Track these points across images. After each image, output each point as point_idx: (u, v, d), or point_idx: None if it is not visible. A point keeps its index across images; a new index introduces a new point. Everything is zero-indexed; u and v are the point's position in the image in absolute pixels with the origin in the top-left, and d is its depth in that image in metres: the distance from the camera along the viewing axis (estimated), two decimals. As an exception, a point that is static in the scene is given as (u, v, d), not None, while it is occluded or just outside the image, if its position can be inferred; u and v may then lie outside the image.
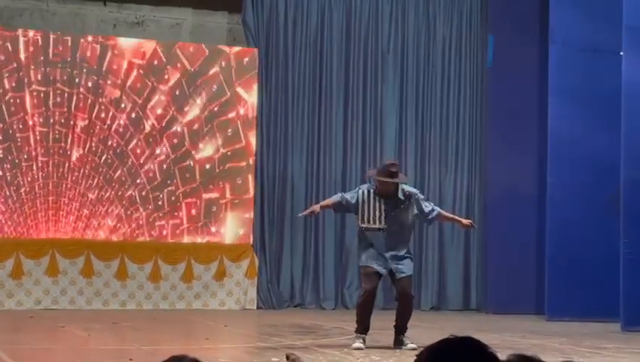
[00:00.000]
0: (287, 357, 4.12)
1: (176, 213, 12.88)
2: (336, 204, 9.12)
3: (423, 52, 14.22)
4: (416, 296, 13.87)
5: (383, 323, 9.56)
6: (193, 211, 12.96)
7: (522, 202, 13.58)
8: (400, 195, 8.79)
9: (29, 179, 12.30)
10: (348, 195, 9.01)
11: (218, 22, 13.67)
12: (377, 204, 8.73)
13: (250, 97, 13.25)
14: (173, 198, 12.88)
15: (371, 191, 8.79)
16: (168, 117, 12.91)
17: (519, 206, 13.56)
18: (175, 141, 12.94)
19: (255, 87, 13.29)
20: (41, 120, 12.35)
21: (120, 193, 12.66)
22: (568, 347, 9.24)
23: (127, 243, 12.61)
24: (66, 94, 12.45)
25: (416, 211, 8.87)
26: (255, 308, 13.00)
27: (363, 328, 8.95)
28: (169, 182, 12.88)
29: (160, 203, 12.82)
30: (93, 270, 12.41)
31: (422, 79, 14.20)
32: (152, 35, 13.19)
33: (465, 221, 9.43)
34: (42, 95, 12.36)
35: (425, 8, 14.24)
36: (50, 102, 12.39)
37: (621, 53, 11.47)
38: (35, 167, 12.33)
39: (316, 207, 9.25)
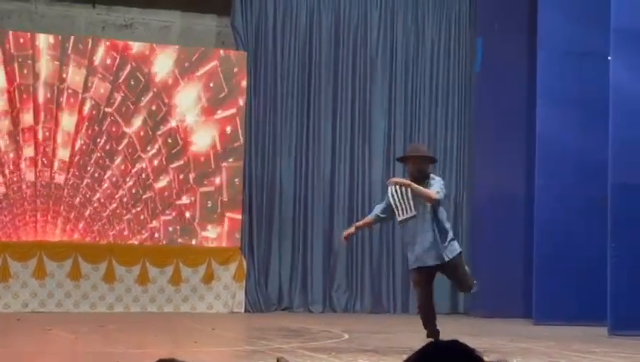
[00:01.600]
0: (278, 361, 4.13)
1: (164, 217, 12.86)
2: (371, 221, 8.99)
3: (411, 56, 14.24)
4: (404, 300, 13.92)
5: (369, 326, 9.57)
6: (183, 214, 12.93)
7: (510, 205, 13.59)
8: (430, 180, 8.55)
9: (17, 181, 12.25)
10: (379, 206, 8.88)
11: (207, 25, 13.66)
12: (405, 192, 8.48)
13: (238, 100, 13.23)
14: (161, 201, 12.86)
15: (398, 187, 8.55)
16: (158, 118, 12.89)
17: (507, 209, 13.58)
18: (165, 143, 12.92)
19: (244, 90, 13.28)
20: (28, 119, 12.31)
21: (108, 194, 12.62)
22: (555, 351, 9.25)
23: (115, 246, 12.59)
24: (55, 93, 12.42)
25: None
26: (243, 311, 13.00)
27: (430, 332, 8.70)
28: (157, 185, 12.85)
29: (149, 206, 12.79)
30: (81, 273, 12.38)
31: (410, 83, 14.22)
32: (140, 38, 13.17)
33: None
34: (31, 95, 12.32)
35: (413, 12, 14.26)
36: (40, 102, 12.34)
37: (609, 57, 11.50)
38: (24, 169, 12.28)
39: (352, 229, 9.09)
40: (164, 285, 12.72)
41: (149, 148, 12.85)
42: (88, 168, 12.57)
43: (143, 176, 12.81)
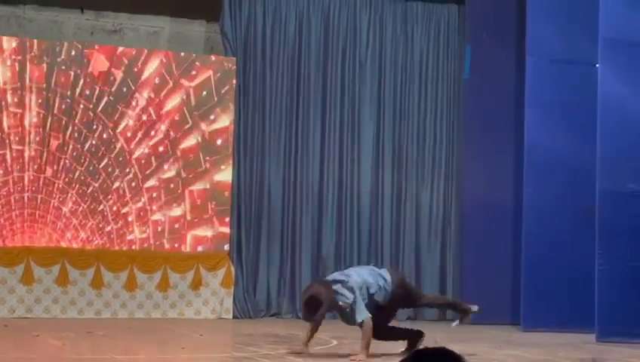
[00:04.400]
0: None
1: (153, 223, 12.84)
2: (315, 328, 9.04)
3: (400, 63, 14.25)
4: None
5: (357, 332, 9.56)
6: (171, 220, 12.91)
7: (498, 213, 13.62)
8: (341, 302, 8.63)
9: (4, 186, 12.22)
10: None
11: (196, 30, 13.65)
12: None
13: (227, 106, 13.23)
14: (150, 207, 12.84)
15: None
16: (146, 125, 12.87)
17: (495, 216, 13.60)
18: (153, 149, 12.90)
19: (232, 95, 13.28)
20: (15, 123, 12.29)
21: (97, 201, 12.60)
22: (543, 358, 9.27)
23: (102, 252, 12.56)
24: (43, 98, 12.40)
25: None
26: (231, 317, 12.97)
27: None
28: (145, 191, 12.83)
29: (137, 212, 12.77)
30: (69, 278, 12.35)
31: (399, 90, 14.23)
32: (129, 43, 13.16)
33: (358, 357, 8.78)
34: (19, 100, 12.30)
35: (402, 19, 14.29)
36: (27, 108, 12.32)
37: (597, 65, 11.54)
38: (10, 173, 12.26)
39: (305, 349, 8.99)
40: (152, 291, 12.69)
41: (137, 154, 12.83)
42: (77, 174, 12.54)
43: (132, 183, 12.79)
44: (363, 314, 8.54)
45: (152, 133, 12.90)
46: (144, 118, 12.89)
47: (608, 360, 9.33)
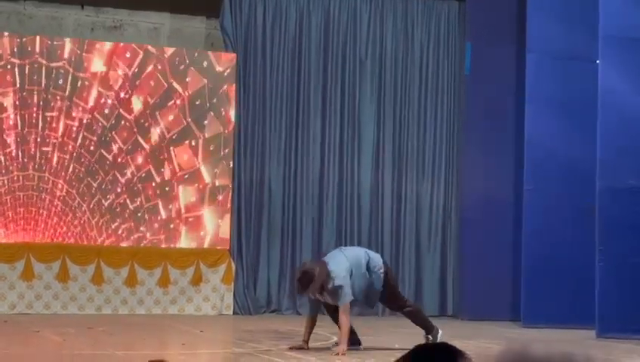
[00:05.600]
0: None
1: (153, 218, 12.85)
2: (312, 323, 9.16)
3: (400, 59, 14.25)
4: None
5: (357, 328, 9.57)
6: (171, 216, 12.92)
7: (498, 209, 13.62)
8: (330, 286, 8.84)
9: (5, 182, 12.22)
10: (310, 309, 9.26)
11: (196, 27, 13.65)
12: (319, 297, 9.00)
13: (227, 102, 13.23)
14: (150, 203, 12.85)
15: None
16: (146, 122, 12.88)
17: (495, 213, 13.61)
18: (152, 145, 12.90)
19: (233, 92, 13.28)
20: (17, 119, 12.30)
21: (97, 197, 12.61)
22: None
23: (103, 248, 12.56)
24: (42, 96, 12.41)
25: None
26: (232, 313, 12.97)
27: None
28: (145, 187, 12.84)
29: (137, 208, 12.78)
30: (69, 274, 12.35)
31: (399, 86, 14.23)
32: (129, 39, 13.15)
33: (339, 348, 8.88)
34: (18, 97, 12.30)
35: (403, 15, 14.28)
36: (28, 104, 12.33)
37: (597, 62, 11.55)
38: (11, 170, 12.26)
39: (305, 345, 9.10)
40: (153, 287, 12.70)
41: (137, 149, 12.83)
42: (77, 171, 12.54)
43: (132, 179, 12.79)
44: (347, 298, 8.87)
45: (151, 129, 12.89)
46: (142, 115, 12.88)
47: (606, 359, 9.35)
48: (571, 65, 12.63)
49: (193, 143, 13.07)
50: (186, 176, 13.02)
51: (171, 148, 12.97)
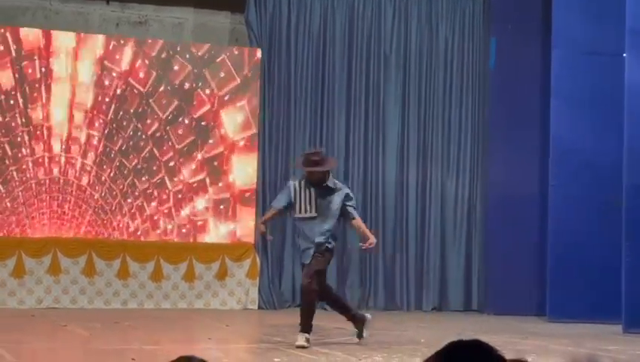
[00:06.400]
0: None
1: (178, 213, 12.89)
2: (276, 213, 9.26)
3: (425, 54, 14.22)
4: (418, 297, 13.92)
5: (382, 323, 9.58)
6: (196, 211, 12.96)
7: (524, 204, 13.57)
8: (330, 184, 8.99)
9: (33, 177, 12.30)
10: (281, 199, 9.20)
11: (221, 22, 13.67)
12: (308, 193, 8.93)
13: (252, 98, 13.25)
14: (177, 197, 12.89)
15: (302, 181, 9.01)
16: (174, 116, 12.92)
17: (521, 208, 13.56)
18: (180, 141, 12.94)
19: (257, 87, 13.29)
20: (45, 115, 12.37)
21: (123, 191, 12.67)
22: (570, 349, 9.25)
23: (129, 243, 12.62)
24: (73, 90, 12.47)
25: (340, 204, 8.97)
26: (256, 308, 13.00)
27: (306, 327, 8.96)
28: (171, 182, 12.89)
29: (163, 203, 12.82)
30: (95, 269, 12.42)
31: (424, 81, 14.20)
32: (154, 34, 13.20)
33: (370, 239, 9.16)
34: (49, 92, 12.37)
35: (427, 10, 14.24)
36: (53, 99, 12.40)
37: (624, 55, 11.48)
38: (39, 165, 12.34)
39: (261, 227, 9.33)
40: (178, 281, 12.75)
41: (164, 146, 12.88)
42: (103, 165, 12.60)
43: (159, 175, 12.84)
44: (355, 213, 9.14)
45: (178, 126, 12.93)
46: (169, 112, 12.92)
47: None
48: (597, 60, 12.55)
49: (218, 138, 13.09)
50: (214, 171, 13.04)
51: (199, 142, 12.99)
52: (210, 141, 13.07)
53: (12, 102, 12.28)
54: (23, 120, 12.31)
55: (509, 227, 13.52)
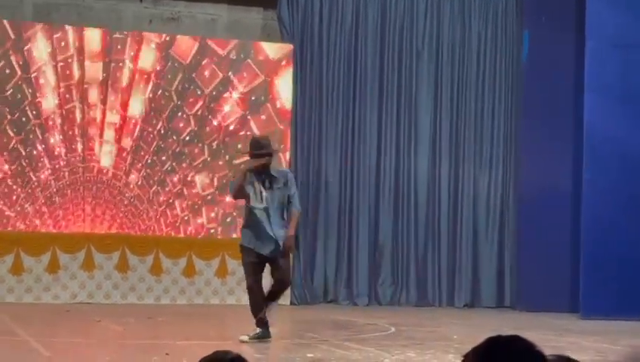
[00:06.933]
0: None
1: (210, 210, 12.92)
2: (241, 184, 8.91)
3: (457, 48, 14.16)
4: (450, 293, 13.88)
5: (415, 319, 9.57)
6: (229, 207, 12.97)
7: (557, 199, 13.49)
8: (273, 173, 8.84)
9: (68, 173, 12.38)
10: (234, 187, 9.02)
11: (253, 18, 13.68)
12: (257, 183, 8.78)
13: (284, 94, 13.26)
14: (208, 194, 12.92)
15: (249, 172, 8.83)
16: (205, 113, 12.95)
17: (554, 203, 13.48)
18: (210, 137, 12.97)
19: (290, 83, 13.30)
20: (77, 113, 12.44)
21: (156, 188, 12.72)
22: (604, 346, 9.19)
23: (161, 239, 12.67)
24: (101, 88, 12.54)
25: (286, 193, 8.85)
26: (289, 303, 13.00)
27: (259, 321, 8.84)
28: (204, 178, 12.92)
29: (195, 199, 12.86)
30: (129, 265, 12.49)
31: (456, 76, 14.15)
32: (187, 31, 13.23)
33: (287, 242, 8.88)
34: (79, 89, 12.44)
35: (460, 4, 14.18)
36: (88, 96, 12.47)
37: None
38: (74, 161, 12.41)
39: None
40: (211, 277, 12.78)
41: (196, 142, 12.90)
42: (137, 162, 12.65)
43: (191, 172, 12.87)
44: (299, 206, 9.01)
45: (208, 121, 12.96)
46: (200, 107, 12.95)
47: None
48: (632, 52, 12.45)
49: (250, 133, 13.10)
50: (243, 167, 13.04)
51: (227, 139, 13.01)
52: (241, 137, 13.07)
53: (47, 95, 12.36)
54: (55, 112, 12.38)
55: (542, 222, 13.45)
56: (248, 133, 12.98)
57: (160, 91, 12.80)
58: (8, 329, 9.30)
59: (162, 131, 12.81)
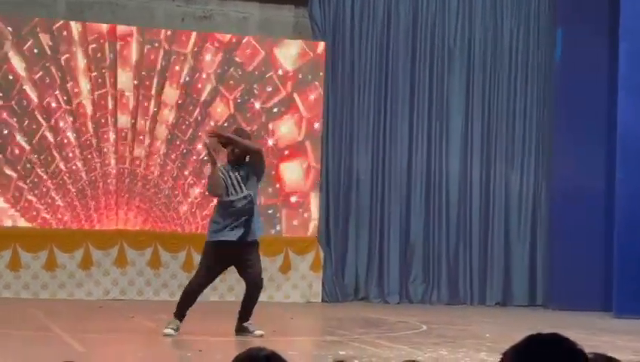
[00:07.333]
0: None
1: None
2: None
3: (489, 46, 14.12)
4: (481, 291, 13.84)
5: (446, 317, 9.55)
6: (265, 203, 13.00)
7: (590, 198, 13.42)
8: (247, 159, 8.76)
9: (101, 170, 12.46)
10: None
11: (285, 15, 13.70)
12: (234, 174, 8.70)
13: (316, 91, 13.27)
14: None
15: (223, 166, 8.75)
16: (239, 109, 12.98)
17: (586, 202, 13.41)
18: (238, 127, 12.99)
19: (321, 80, 13.31)
20: (109, 99, 12.52)
21: (189, 185, 12.77)
22: (638, 345, 9.14)
23: (194, 236, 12.71)
24: (136, 86, 12.61)
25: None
26: (320, 301, 13.03)
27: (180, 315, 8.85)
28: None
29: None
30: (161, 261, 12.55)
31: (488, 74, 14.10)
32: (219, 29, 13.28)
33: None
34: (112, 85, 12.52)
35: (492, 2, 14.13)
36: (121, 92, 12.55)
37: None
38: (106, 159, 12.49)
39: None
40: (242, 274, 12.80)
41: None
42: (172, 158, 12.70)
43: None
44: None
45: (243, 119, 13.00)
46: (233, 105, 12.99)
47: None
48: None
49: (283, 131, 13.13)
50: (278, 164, 13.08)
51: (259, 136, 13.04)
52: (275, 134, 13.11)
53: (81, 94, 12.45)
54: (91, 110, 12.47)
55: (575, 221, 13.38)
56: (281, 130, 13.02)
57: (197, 75, 12.84)
58: (43, 325, 9.39)
59: (199, 118, 12.84)
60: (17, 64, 12.26)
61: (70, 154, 12.38)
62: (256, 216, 8.79)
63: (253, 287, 8.82)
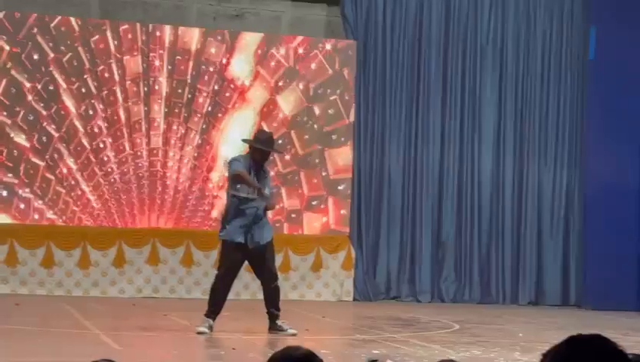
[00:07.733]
0: None
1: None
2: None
3: (522, 44, 14.05)
4: (514, 291, 13.78)
5: (478, 317, 9.52)
6: (292, 202, 13.03)
7: (624, 197, 13.33)
8: (266, 165, 9.17)
9: (134, 169, 12.53)
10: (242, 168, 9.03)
11: (317, 14, 13.70)
12: (254, 174, 9.00)
13: (348, 90, 13.27)
14: (273, 187, 12.97)
15: (246, 161, 9.01)
16: (266, 107, 13.00)
17: (621, 201, 13.32)
18: (273, 130, 13.01)
19: (353, 79, 13.31)
20: (142, 106, 12.59)
21: (217, 183, 12.81)
22: (673, 345, 9.07)
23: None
24: (166, 85, 12.67)
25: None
26: (351, 299, 13.03)
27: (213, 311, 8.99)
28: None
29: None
30: (193, 259, 12.59)
31: (521, 72, 14.03)
32: (251, 28, 13.30)
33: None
34: (148, 86, 12.59)
35: (525, 0, 14.06)
36: (150, 93, 12.61)
37: None
38: (139, 157, 12.56)
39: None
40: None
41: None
42: (194, 161, 12.74)
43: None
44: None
45: (272, 117, 13.02)
46: (263, 103, 13.02)
47: None
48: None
49: (314, 129, 13.14)
50: (309, 162, 13.10)
51: (292, 132, 13.05)
52: (305, 132, 13.12)
53: (111, 97, 12.52)
54: (124, 114, 12.54)
55: (608, 220, 13.30)
56: (313, 129, 13.04)
57: (225, 83, 12.88)
58: (78, 323, 9.46)
59: (227, 123, 12.87)
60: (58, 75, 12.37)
61: (105, 158, 12.46)
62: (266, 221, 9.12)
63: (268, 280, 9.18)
